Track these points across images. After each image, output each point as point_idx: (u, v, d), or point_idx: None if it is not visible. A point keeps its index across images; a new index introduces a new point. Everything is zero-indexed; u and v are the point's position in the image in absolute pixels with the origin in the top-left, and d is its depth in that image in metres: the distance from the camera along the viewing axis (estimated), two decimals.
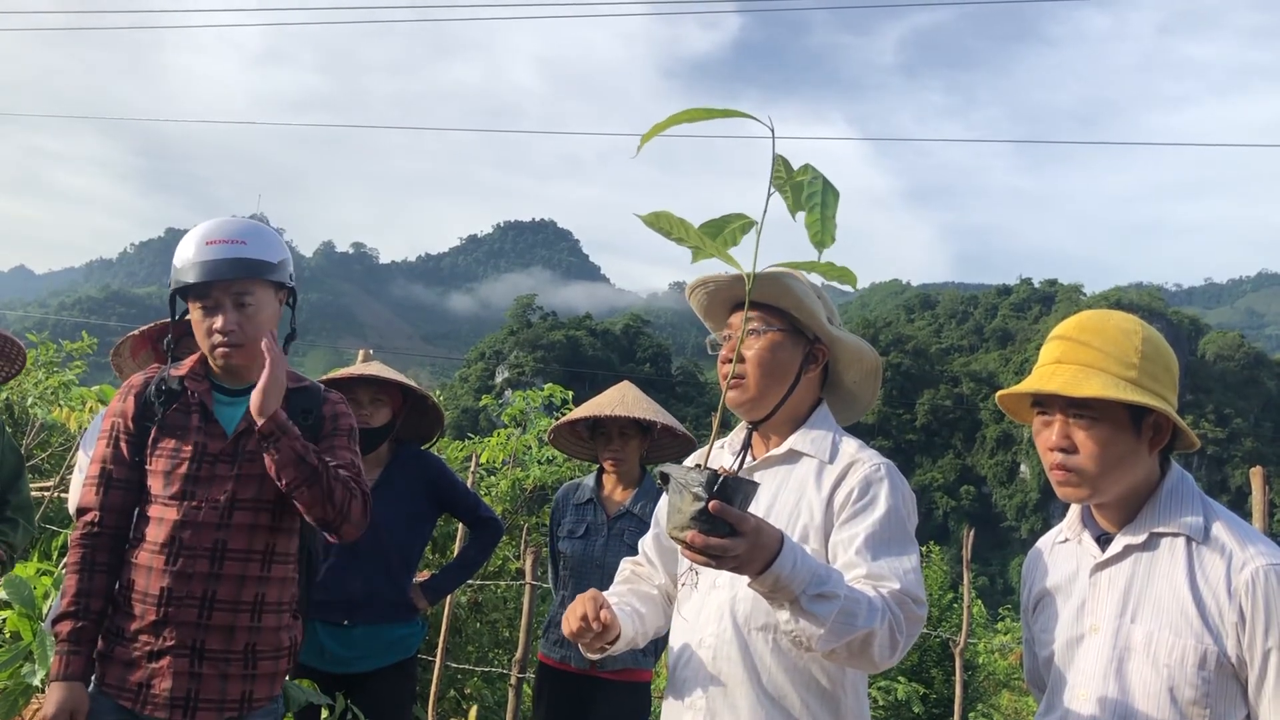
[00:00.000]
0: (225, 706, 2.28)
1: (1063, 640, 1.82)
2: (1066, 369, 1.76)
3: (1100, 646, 1.75)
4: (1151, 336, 1.78)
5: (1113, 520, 1.81)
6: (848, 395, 2.12)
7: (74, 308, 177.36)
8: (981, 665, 11.64)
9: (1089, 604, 1.79)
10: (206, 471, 2.30)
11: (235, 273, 2.32)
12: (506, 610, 5.96)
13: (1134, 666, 1.70)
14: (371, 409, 3.35)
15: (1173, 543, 1.72)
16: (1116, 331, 1.77)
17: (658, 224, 1.51)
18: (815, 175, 1.47)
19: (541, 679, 3.67)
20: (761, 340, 1.99)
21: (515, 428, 6.91)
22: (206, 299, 2.32)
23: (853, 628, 1.66)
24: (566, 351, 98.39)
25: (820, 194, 1.46)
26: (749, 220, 1.50)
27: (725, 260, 1.50)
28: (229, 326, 2.31)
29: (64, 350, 8.49)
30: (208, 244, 2.32)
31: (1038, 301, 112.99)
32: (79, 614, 2.29)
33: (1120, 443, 1.72)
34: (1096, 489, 1.75)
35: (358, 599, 3.22)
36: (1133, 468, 1.74)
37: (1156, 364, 1.75)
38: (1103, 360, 1.74)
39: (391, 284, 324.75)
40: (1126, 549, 1.76)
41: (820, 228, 1.44)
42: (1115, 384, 1.70)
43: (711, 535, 1.50)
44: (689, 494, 1.51)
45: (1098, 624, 1.76)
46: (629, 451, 3.65)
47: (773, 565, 1.58)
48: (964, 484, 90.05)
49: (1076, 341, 1.78)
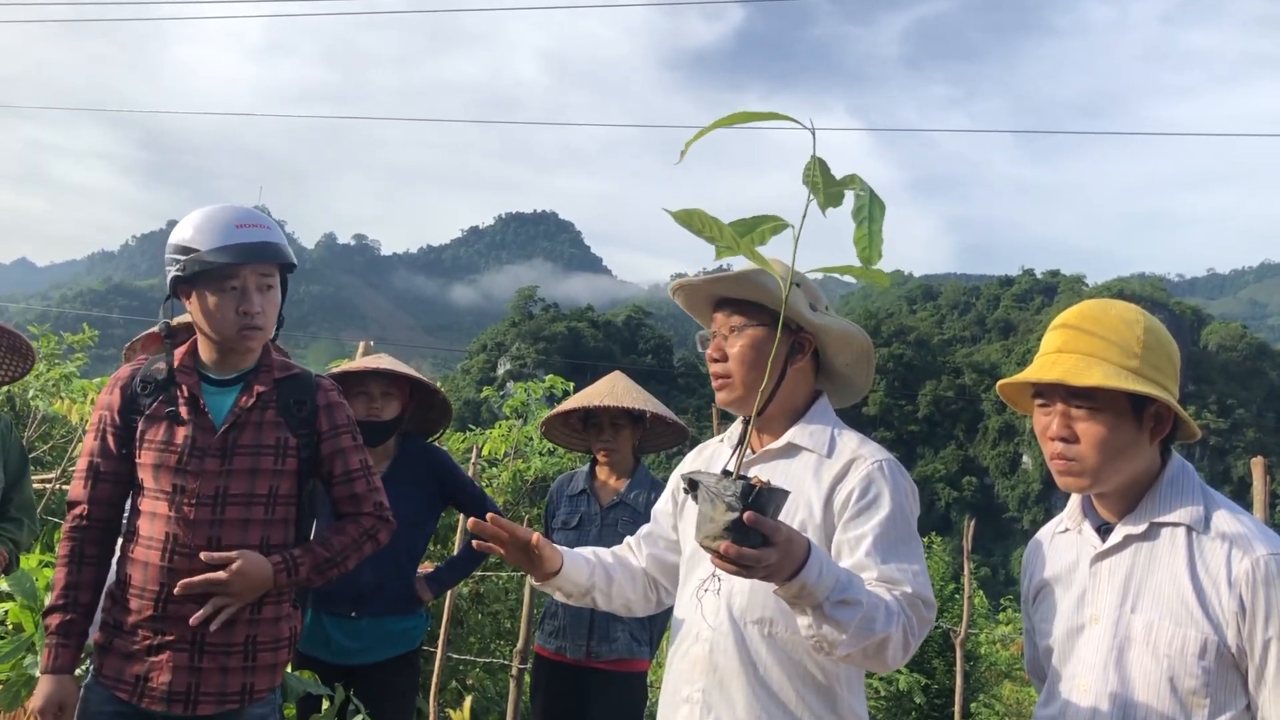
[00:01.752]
0: (226, 699, 2.28)
1: (1063, 630, 1.82)
2: (1068, 358, 1.75)
3: (1100, 637, 1.74)
4: (1153, 326, 1.77)
5: (1113, 510, 1.80)
6: (842, 380, 2.12)
7: (76, 300, 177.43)
8: (983, 656, 11.66)
9: (1089, 594, 1.79)
10: (196, 465, 2.29)
11: (271, 256, 2.33)
12: (508, 601, 5.97)
13: (1134, 656, 1.69)
14: (382, 402, 3.35)
15: (1173, 532, 1.71)
16: (1118, 321, 1.76)
17: (690, 221, 1.48)
18: (863, 187, 1.44)
19: (538, 670, 3.67)
20: (743, 337, 1.99)
21: (517, 419, 6.91)
22: (233, 280, 2.30)
23: (872, 633, 1.66)
24: (568, 343, 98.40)
25: (868, 207, 1.43)
26: (782, 222, 1.48)
27: (757, 262, 1.48)
28: (257, 308, 2.32)
29: (65, 342, 8.49)
30: (239, 227, 2.32)
31: (1040, 292, 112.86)
32: (68, 607, 2.29)
33: (1121, 432, 1.71)
34: (1097, 479, 1.74)
35: (365, 591, 3.23)
36: (1133, 458, 1.73)
37: (1158, 354, 1.74)
38: (1104, 349, 1.73)
39: (393, 275, 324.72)
40: (1127, 539, 1.75)
41: (868, 243, 1.42)
42: (1117, 373, 1.70)
43: (745, 545, 1.50)
44: (721, 503, 1.50)
45: (1098, 614, 1.76)
46: (621, 441, 3.66)
47: (800, 573, 1.58)
48: (966, 475, 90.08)
49: (1078, 330, 1.77)
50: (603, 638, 3.48)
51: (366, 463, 2.49)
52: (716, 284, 2.02)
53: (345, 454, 2.44)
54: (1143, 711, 1.67)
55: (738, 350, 1.99)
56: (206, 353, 2.40)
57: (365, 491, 2.46)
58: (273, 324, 2.39)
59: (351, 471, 2.44)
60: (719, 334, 2.03)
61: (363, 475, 2.46)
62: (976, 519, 6.64)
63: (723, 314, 2.04)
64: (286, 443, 2.36)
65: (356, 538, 2.43)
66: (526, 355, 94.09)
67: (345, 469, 2.43)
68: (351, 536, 2.42)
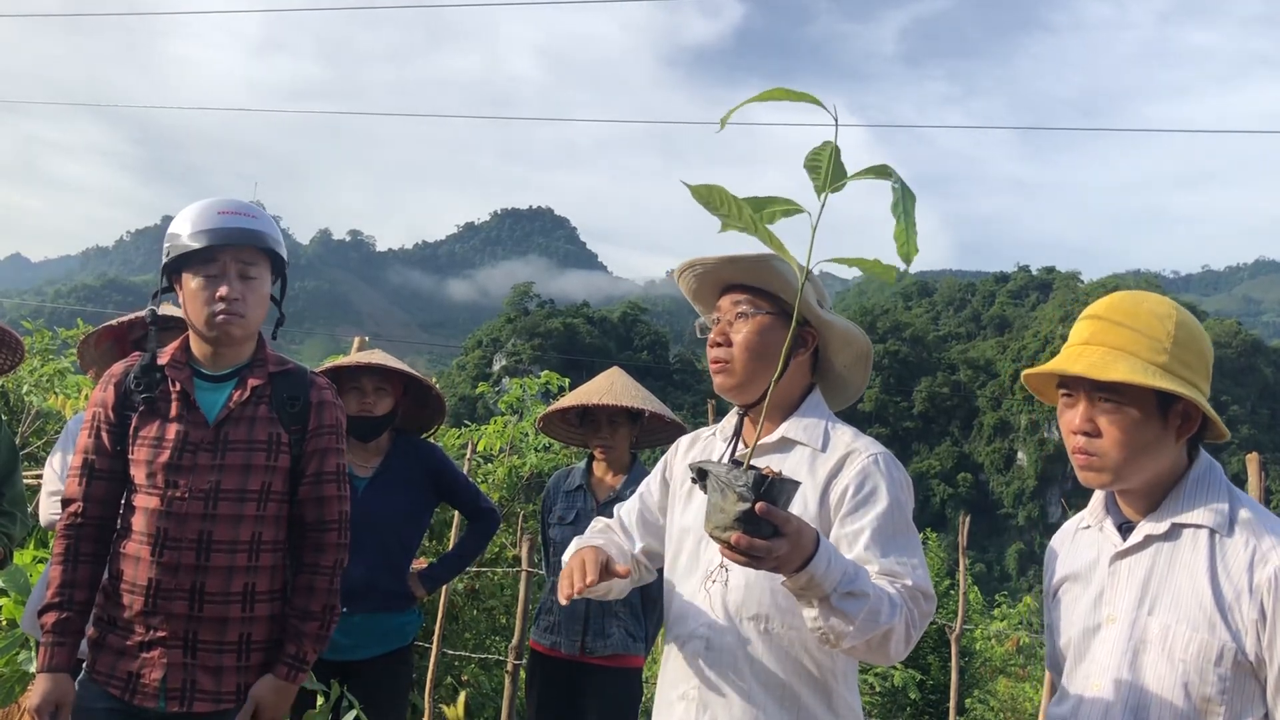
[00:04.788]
0: (222, 698, 2.27)
1: (1079, 628, 1.78)
2: (1094, 350, 1.70)
3: (1116, 637, 1.70)
4: (1186, 321, 1.71)
5: (1136, 508, 1.75)
6: (838, 380, 2.10)
7: (70, 296, 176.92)
8: (978, 652, 11.67)
9: (1107, 593, 1.74)
10: (189, 460, 2.28)
11: (248, 240, 2.31)
12: (503, 597, 5.97)
13: (1149, 659, 1.65)
14: (375, 398, 3.34)
15: (1195, 534, 1.66)
16: (1149, 314, 1.71)
17: (708, 197, 1.44)
18: (896, 180, 1.39)
19: (533, 666, 3.67)
20: (750, 323, 1.96)
21: (512, 415, 6.90)
22: (212, 266, 2.29)
23: (877, 625, 1.66)
24: (564, 339, 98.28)
25: (901, 201, 1.39)
26: (794, 206, 1.45)
27: (773, 245, 1.45)
28: (234, 294, 2.29)
29: (60, 338, 8.47)
30: (220, 213, 2.31)
31: (1035, 289, 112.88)
32: (63, 605, 2.28)
33: (1145, 429, 1.66)
34: (1119, 475, 1.69)
35: (358, 587, 3.22)
36: (1157, 455, 1.68)
37: (1189, 350, 1.69)
38: (1133, 343, 1.68)
39: (388, 271, 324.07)
40: (1147, 539, 1.71)
41: (905, 238, 1.38)
42: (1143, 369, 1.64)
43: (756, 536, 1.49)
44: (732, 493, 1.49)
45: (1115, 614, 1.72)
46: (618, 439, 3.65)
47: (809, 565, 1.57)
48: (961, 471, 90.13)
49: (1107, 322, 1.72)
50: (598, 633, 3.48)
51: (343, 470, 2.45)
52: (732, 265, 1.98)
53: (324, 455, 2.41)
54: (1155, 716, 1.63)
55: (743, 336, 1.96)
56: (198, 348, 2.39)
57: (334, 496, 2.41)
58: (256, 315, 2.35)
59: (325, 473, 2.40)
60: (724, 319, 2.00)
61: (335, 480, 2.42)
62: (971, 515, 6.64)
63: (729, 300, 2.01)
64: (279, 438, 2.35)
65: (329, 586, 2.39)
66: (522, 351, 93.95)
67: (319, 469, 2.39)
68: (323, 589, 2.38)
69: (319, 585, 2.37)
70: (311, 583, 2.37)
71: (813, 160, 1.42)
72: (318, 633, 2.35)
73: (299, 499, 2.39)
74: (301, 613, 2.35)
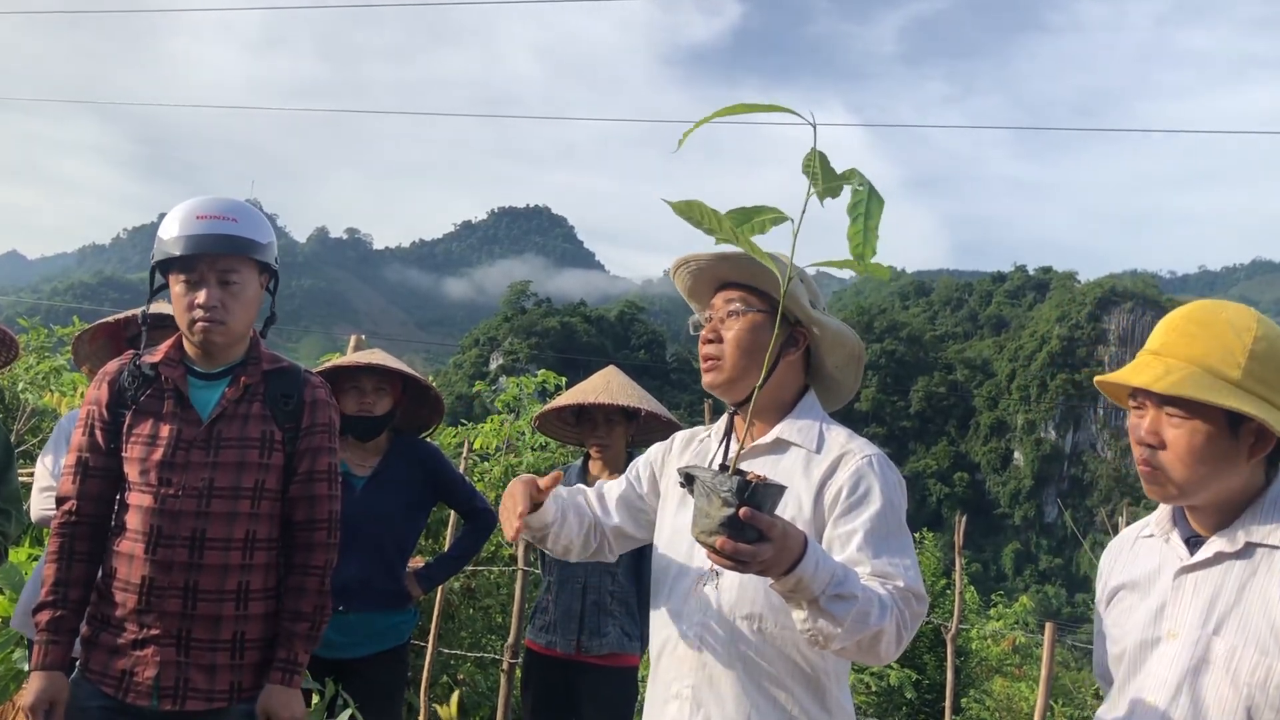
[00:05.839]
0: (215, 697, 2.27)
1: (1136, 640, 1.70)
2: (1161, 361, 1.62)
3: (1177, 654, 1.62)
4: (1269, 335, 1.60)
5: (1205, 524, 1.66)
6: (829, 382, 2.09)
7: (67, 293, 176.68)
8: (974, 651, 11.69)
9: (1169, 608, 1.66)
10: (182, 458, 2.28)
11: (224, 248, 2.28)
12: (499, 596, 5.96)
13: (1211, 680, 1.57)
14: (375, 397, 3.34)
15: (1270, 555, 1.58)
16: (1226, 326, 1.61)
17: (689, 213, 1.45)
18: (863, 182, 1.41)
19: (528, 664, 3.66)
20: (742, 321, 1.96)
21: (509, 414, 6.91)
22: (191, 273, 2.28)
23: (866, 626, 1.66)
24: (561, 338, 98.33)
25: (865, 203, 1.40)
26: (781, 215, 1.46)
27: (755, 254, 1.46)
28: (211, 302, 2.27)
29: (56, 335, 8.46)
30: (198, 218, 2.28)
31: (1032, 289, 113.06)
32: (58, 603, 2.27)
33: (1213, 445, 1.57)
34: (1183, 491, 1.61)
35: (354, 586, 3.22)
36: (1226, 473, 1.59)
37: (1268, 365, 1.58)
38: (1204, 355, 1.59)
39: (385, 270, 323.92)
40: (1218, 555, 1.62)
41: (862, 239, 1.39)
42: (1210, 384, 1.56)
43: (740, 541, 1.49)
44: (717, 499, 1.49)
45: (1176, 630, 1.63)
46: (614, 438, 3.65)
47: (796, 568, 1.57)
48: (957, 471, 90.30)
49: (1181, 332, 1.64)
50: (593, 632, 3.48)
51: (335, 469, 2.45)
52: (725, 262, 1.99)
53: (316, 453, 2.40)
54: None
55: (734, 334, 1.96)
56: (191, 346, 2.38)
57: (324, 495, 2.40)
58: (241, 319, 2.33)
59: (316, 472, 2.40)
60: (716, 316, 2.01)
61: (326, 479, 2.41)
62: (967, 515, 6.65)
63: (723, 297, 2.01)
64: (272, 436, 2.35)
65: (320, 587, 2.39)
66: (519, 350, 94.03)
67: (311, 468, 2.39)
68: (314, 590, 2.37)
69: (309, 586, 2.36)
70: (302, 584, 2.37)
71: (807, 165, 1.42)
72: (308, 633, 2.35)
73: (289, 497, 2.38)
74: (292, 614, 2.35)
